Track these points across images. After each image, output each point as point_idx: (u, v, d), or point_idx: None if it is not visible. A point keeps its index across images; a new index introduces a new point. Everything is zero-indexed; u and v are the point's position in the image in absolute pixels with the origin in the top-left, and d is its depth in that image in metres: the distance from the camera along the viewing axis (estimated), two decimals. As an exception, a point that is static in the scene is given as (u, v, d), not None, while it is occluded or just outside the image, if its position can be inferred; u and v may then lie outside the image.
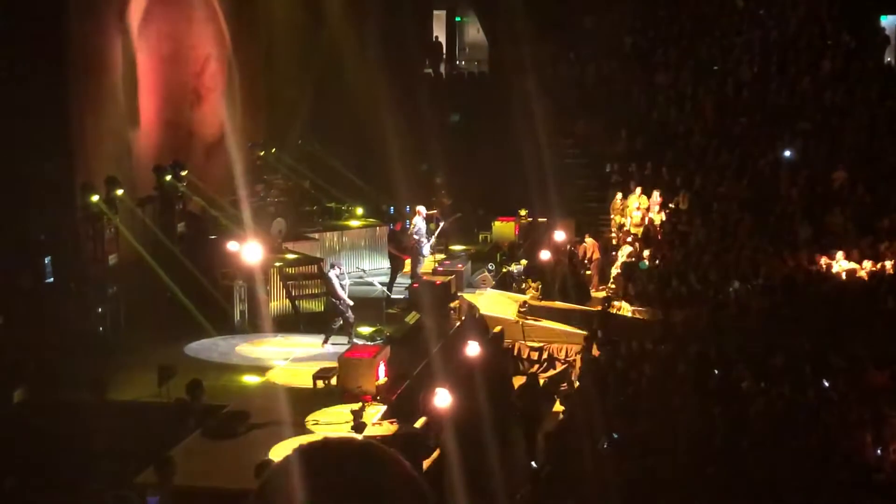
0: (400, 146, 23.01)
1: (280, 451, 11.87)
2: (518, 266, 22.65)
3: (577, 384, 17.43)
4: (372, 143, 24.43)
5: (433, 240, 22.00)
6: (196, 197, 20.62)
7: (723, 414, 14.52)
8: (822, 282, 20.73)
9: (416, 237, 21.25)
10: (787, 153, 26.04)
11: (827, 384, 15.67)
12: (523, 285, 21.81)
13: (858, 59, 28.02)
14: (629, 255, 23.14)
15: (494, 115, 26.78)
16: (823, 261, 21.63)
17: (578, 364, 18.23)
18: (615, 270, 22.49)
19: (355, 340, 17.38)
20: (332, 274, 17.72)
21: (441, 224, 22.38)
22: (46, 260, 17.39)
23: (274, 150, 23.84)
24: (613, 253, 23.33)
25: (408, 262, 21.29)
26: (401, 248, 21.27)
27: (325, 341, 17.62)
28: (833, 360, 16.69)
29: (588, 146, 27.89)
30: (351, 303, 17.70)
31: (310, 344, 17.87)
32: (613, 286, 22.34)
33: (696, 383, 16.11)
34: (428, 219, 22.12)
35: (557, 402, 17.05)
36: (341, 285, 17.57)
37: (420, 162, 24.34)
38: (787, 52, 28.57)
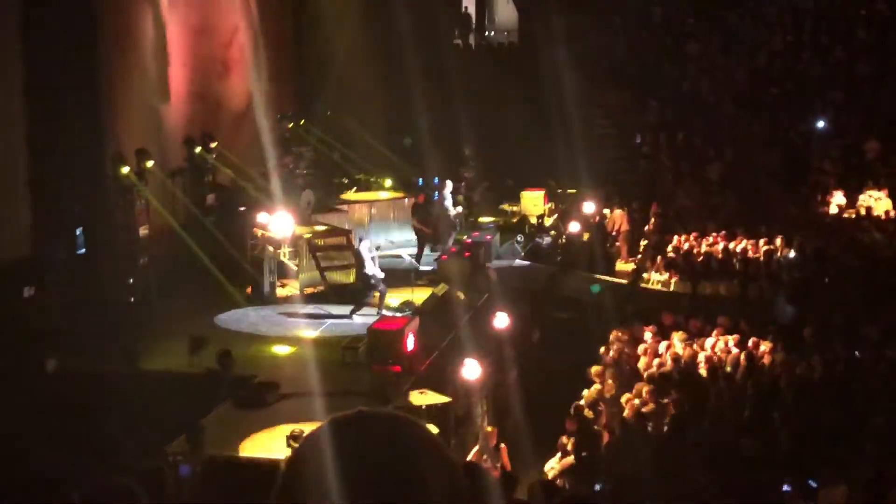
0: (428, 118, 22.87)
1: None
2: (546, 237, 22.90)
3: (606, 357, 17.24)
4: (401, 115, 24.30)
5: (460, 210, 22.24)
6: (225, 168, 20.67)
7: (753, 386, 14.42)
8: (855, 252, 20.52)
9: (446, 209, 21.45)
10: (820, 123, 25.73)
11: (858, 356, 15.51)
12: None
13: (893, 28, 27.57)
14: (655, 227, 23.03)
15: (524, 87, 26.66)
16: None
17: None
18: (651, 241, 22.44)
19: (384, 312, 17.40)
20: (363, 247, 17.76)
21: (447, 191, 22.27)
22: (78, 231, 17.49)
23: (303, 121, 23.84)
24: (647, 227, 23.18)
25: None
26: (424, 222, 21.32)
27: (353, 312, 17.67)
28: (865, 331, 16.54)
29: (618, 117, 27.67)
30: (381, 275, 17.73)
31: (339, 315, 17.96)
32: (641, 258, 22.22)
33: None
34: (455, 192, 22.21)
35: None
36: (371, 259, 17.61)
37: (449, 133, 24.19)
38: (820, 21, 28.18)
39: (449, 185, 22.01)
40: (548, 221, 24.08)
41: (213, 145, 20.29)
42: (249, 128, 21.93)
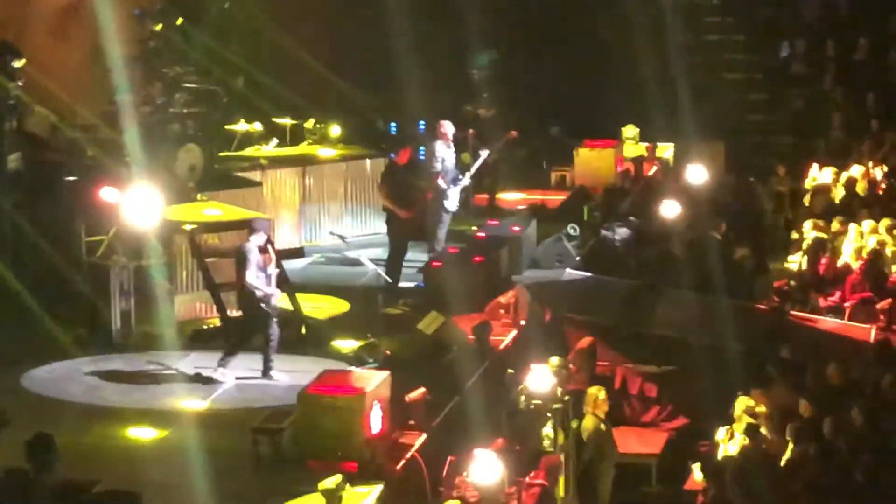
0: (409, 16, 23.28)
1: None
2: (621, 228, 22.94)
3: (728, 444, 17.34)
4: (358, 9, 24.64)
5: (467, 181, 22.28)
6: (40, 107, 20.67)
7: None
8: None
9: (437, 175, 21.62)
10: None
11: None
12: None
13: None
14: (817, 207, 23.15)
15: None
16: None
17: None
18: (809, 235, 22.20)
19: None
20: (252, 245, 17.78)
21: (482, 154, 22.61)
22: None
23: (180, 20, 23.82)
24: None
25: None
26: (403, 199, 21.45)
27: (267, 369, 17.80)
28: None
29: (750, 12, 27.94)
30: (278, 295, 17.84)
31: (247, 374, 18.03)
32: (794, 268, 22.19)
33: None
34: (458, 143, 22.35)
35: (693, 473, 16.94)
36: (260, 267, 17.66)
37: (444, 42, 24.56)
38: None
39: (447, 130, 22.26)
40: (623, 199, 24.25)
41: (17, 64, 20.12)
42: (83, 34, 21.90)
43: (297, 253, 22.68)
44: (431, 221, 22.00)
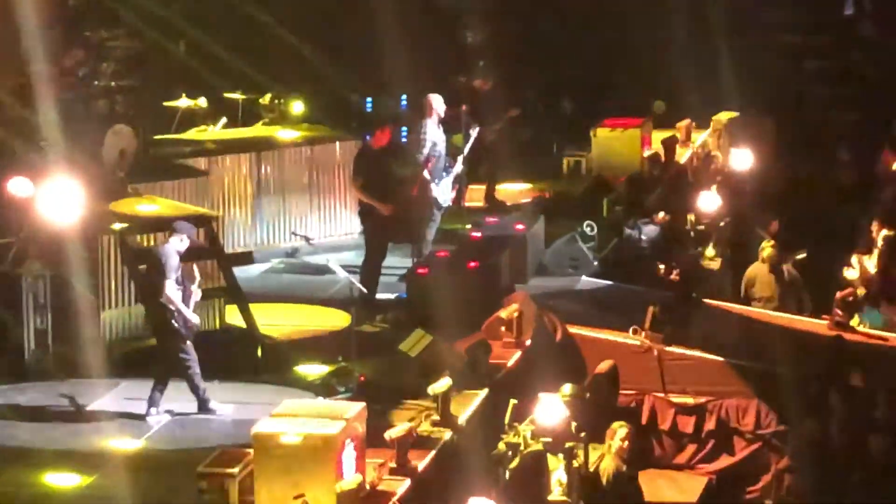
0: None
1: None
2: (649, 225, 22.83)
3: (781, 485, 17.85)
4: None
5: (460, 168, 21.95)
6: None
7: None
8: None
9: (425, 162, 21.22)
10: None
11: None
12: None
13: None
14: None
15: None
16: None
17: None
18: (879, 235, 21.71)
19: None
20: (170, 250, 16.94)
21: (473, 133, 22.56)
22: None
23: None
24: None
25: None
26: (382, 191, 20.79)
27: (203, 403, 16.94)
28: None
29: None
30: (196, 321, 16.94)
31: (189, 401, 17.31)
32: (855, 277, 21.66)
33: None
34: (449, 122, 21.90)
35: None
36: (178, 280, 16.81)
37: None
38: None
39: (436, 106, 21.45)
40: (651, 190, 23.96)
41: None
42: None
43: (246, 258, 22.79)
44: (417, 219, 21.43)
